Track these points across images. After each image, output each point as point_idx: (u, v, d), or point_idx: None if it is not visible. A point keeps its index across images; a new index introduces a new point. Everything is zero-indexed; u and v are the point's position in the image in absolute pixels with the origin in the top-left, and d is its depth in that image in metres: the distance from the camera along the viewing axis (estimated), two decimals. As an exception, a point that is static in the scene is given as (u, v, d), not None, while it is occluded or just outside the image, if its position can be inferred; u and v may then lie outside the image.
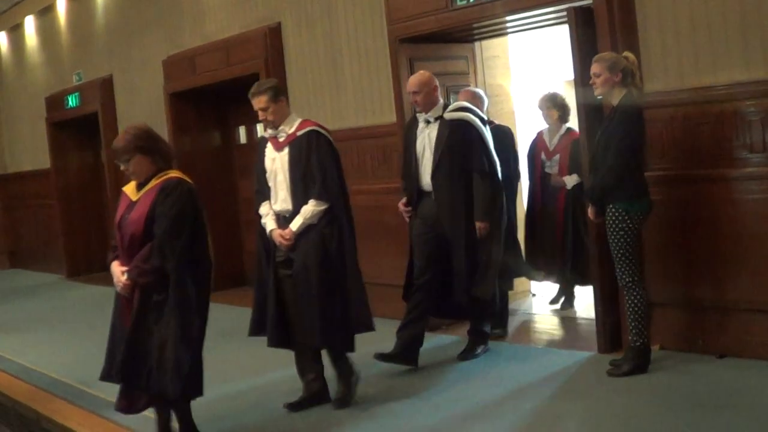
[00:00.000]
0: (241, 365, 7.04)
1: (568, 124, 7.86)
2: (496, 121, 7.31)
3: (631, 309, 5.61)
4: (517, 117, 8.64)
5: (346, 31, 8.30)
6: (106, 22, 12.38)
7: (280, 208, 5.62)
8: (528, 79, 9.66)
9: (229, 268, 10.48)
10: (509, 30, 7.77)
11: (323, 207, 5.46)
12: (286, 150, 5.58)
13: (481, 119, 6.35)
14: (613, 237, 5.57)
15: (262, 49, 9.22)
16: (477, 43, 8.06)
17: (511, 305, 7.54)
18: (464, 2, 6.96)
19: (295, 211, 5.52)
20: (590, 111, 6.16)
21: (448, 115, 6.27)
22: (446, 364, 6.50)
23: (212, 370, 5.33)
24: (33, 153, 14.80)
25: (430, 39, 7.57)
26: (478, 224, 6.21)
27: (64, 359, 7.98)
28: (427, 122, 6.34)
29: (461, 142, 6.21)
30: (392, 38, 7.63)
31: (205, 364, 5.10)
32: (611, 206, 5.55)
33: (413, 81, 6.35)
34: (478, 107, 6.66)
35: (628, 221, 5.52)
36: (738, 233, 5.55)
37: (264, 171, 5.71)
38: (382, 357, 6.24)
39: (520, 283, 8.13)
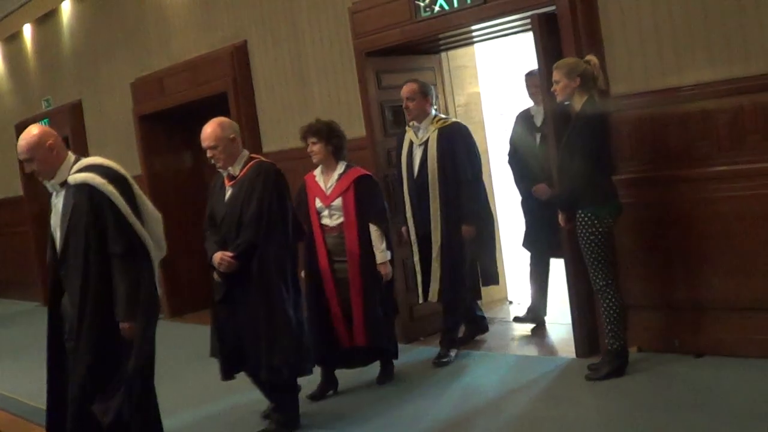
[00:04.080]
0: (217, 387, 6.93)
1: (345, 161, 6.27)
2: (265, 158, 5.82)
3: (606, 313, 5.62)
4: (487, 127, 8.60)
5: (312, 47, 8.29)
6: (72, 46, 12.31)
7: None
8: (499, 87, 9.67)
9: (199, 289, 10.32)
10: (475, 39, 7.78)
11: None
12: None
13: (116, 177, 4.74)
14: (584, 242, 5.57)
15: (229, 68, 9.20)
16: (444, 54, 8.07)
17: (488, 314, 7.53)
18: (428, 13, 6.97)
19: None
20: (557, 118, 6.17)
21: (71, 179, 4.76)
22: (423, 374, 6.49)
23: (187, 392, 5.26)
24: (5, 181, 14.66)
25: (396, 51, 7.58)
26: (123, 326, 4.67)
27: (44, 387, 7.86)
28: (56, 192, 4.90)
29: (87, 212, 4.66)
30: (358, 52, 7.63)
31: (176, 387, 4.96)
32: (580, 212, 5.55)
33: (22, 147, 4.79)
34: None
35: (598, 225, 5.52)
36: (709, 232, 5.58)
37: None
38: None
39: (497, 290, 8.13)
